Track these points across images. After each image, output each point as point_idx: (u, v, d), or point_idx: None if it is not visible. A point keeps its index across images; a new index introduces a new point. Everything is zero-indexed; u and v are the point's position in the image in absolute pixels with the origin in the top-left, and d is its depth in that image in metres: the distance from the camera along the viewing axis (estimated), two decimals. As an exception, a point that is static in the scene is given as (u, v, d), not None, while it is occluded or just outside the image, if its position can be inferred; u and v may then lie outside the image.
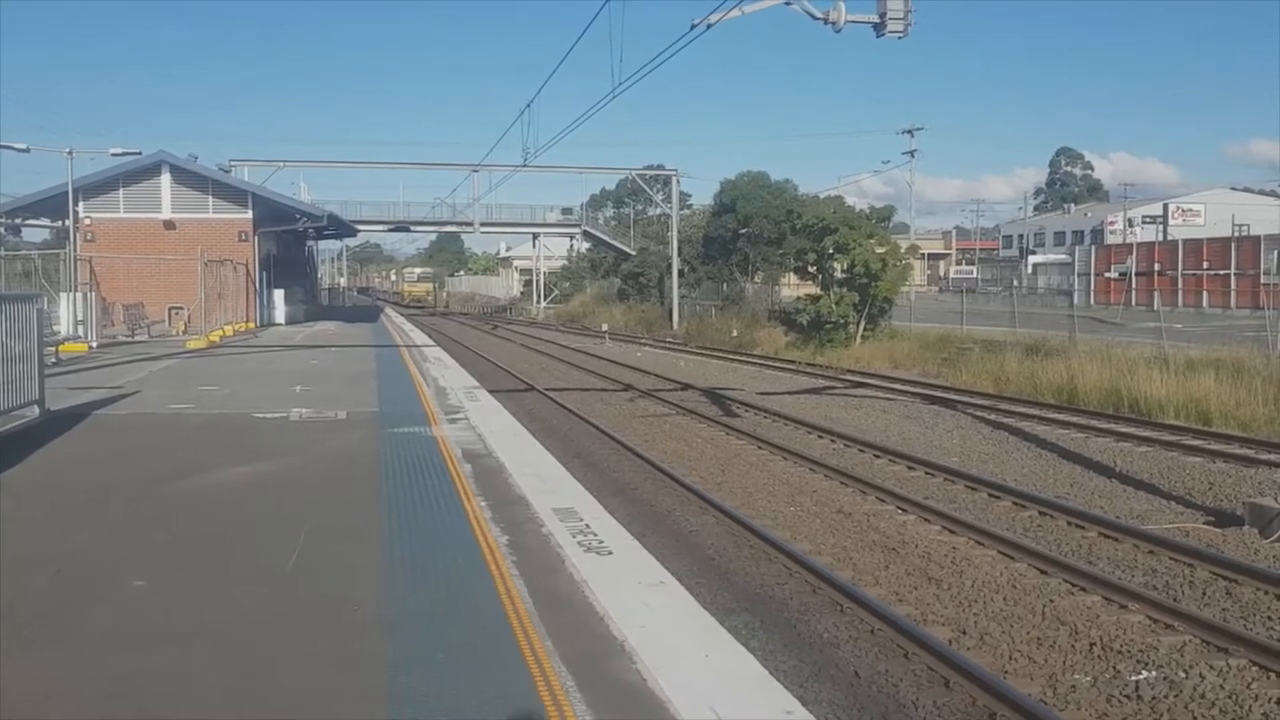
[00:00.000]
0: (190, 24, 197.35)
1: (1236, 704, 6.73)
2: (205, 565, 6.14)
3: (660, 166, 71.45)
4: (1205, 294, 51.31)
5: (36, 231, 45.01)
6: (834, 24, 13.62)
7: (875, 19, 13.17)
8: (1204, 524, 11.52)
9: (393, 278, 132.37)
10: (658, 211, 72.80)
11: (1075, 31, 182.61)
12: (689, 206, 67.79)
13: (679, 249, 53.75)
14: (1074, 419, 19.03)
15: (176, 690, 4.23)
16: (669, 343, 43.87)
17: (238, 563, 6.18)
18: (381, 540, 6.62)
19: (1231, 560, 9.75)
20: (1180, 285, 52.90)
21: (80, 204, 34.03)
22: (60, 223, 36.54)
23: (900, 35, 13.09)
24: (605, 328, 48.71)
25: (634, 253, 64.99)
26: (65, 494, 8.27)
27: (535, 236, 75.39)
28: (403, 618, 5.09)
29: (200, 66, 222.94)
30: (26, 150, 33.89)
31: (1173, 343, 24.27)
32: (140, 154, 34.18)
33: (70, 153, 31.91)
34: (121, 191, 35.60)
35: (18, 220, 39.38)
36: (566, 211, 77.64)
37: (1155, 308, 38.15)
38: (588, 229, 70.74)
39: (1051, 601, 8.76)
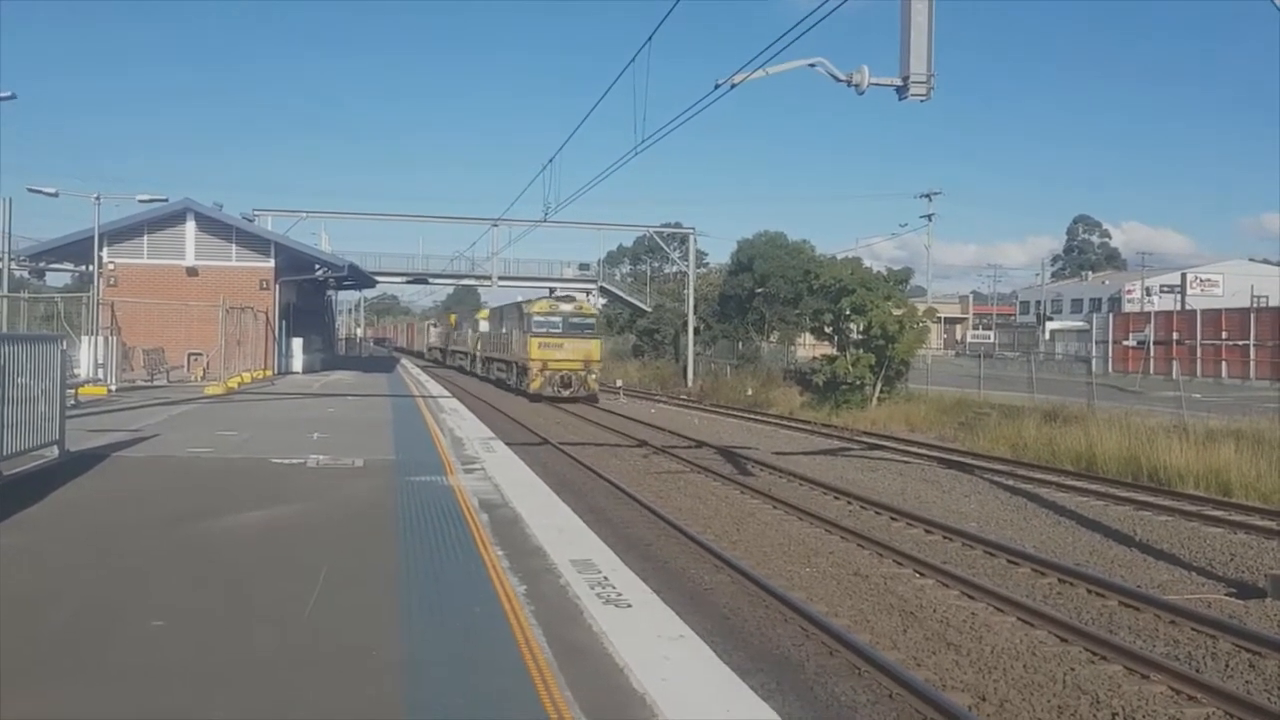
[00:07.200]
0: (218, 72, 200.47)
1: (1263, 779, 6.59)
2: (223, 608, 6.12)
3: (678, 224, 72.11)
4: (1224, 364, 51.07)
5: (59, 276, 45.66)
6: (857, 86, 13.77)
7: (898, 82, 13.28)
8: (1226, 595, 11.37)
9: (482, 326, 57.28)
10: (674, 269, 73.20)
11: (1091, 103, 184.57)
12: (706, 265, 68.25)
13: (695, 307, 53.91)
14: (1093, 486, 18.89)
15: (194, 731, 4.19)
16: (684, 400, 43.84)
17: (256, 606, 6.16)
18: (399, 586, 6.60)
19: (1255, 632, 9.61)
20: (1199, 355, 52.64)
21: (105, 249, 34.46)
22: (84, 267, 36.93)
23: (923, 98, 13.18)
24: (620, 384, 48.72)
25: (650, 309, 65.25)
26: (84, 533, 8.28)
27: (552, 291, 75.77)
28: (421, 664, 5.05)
29: (226, 112, 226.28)
30: (55, 195, 34.48)
31: (1192, 412, 24.15)
32: (166, 200, 34.66)
33: (98, 198, 32.38)
34: (146, 237, 36.06)
35: (42, 264, 39.87)
36: (584, 267, 78.13)
37: (1174, 377, 37.92)
38: (604, 285, 71.16)
39: (1072, 670, 8.64)
